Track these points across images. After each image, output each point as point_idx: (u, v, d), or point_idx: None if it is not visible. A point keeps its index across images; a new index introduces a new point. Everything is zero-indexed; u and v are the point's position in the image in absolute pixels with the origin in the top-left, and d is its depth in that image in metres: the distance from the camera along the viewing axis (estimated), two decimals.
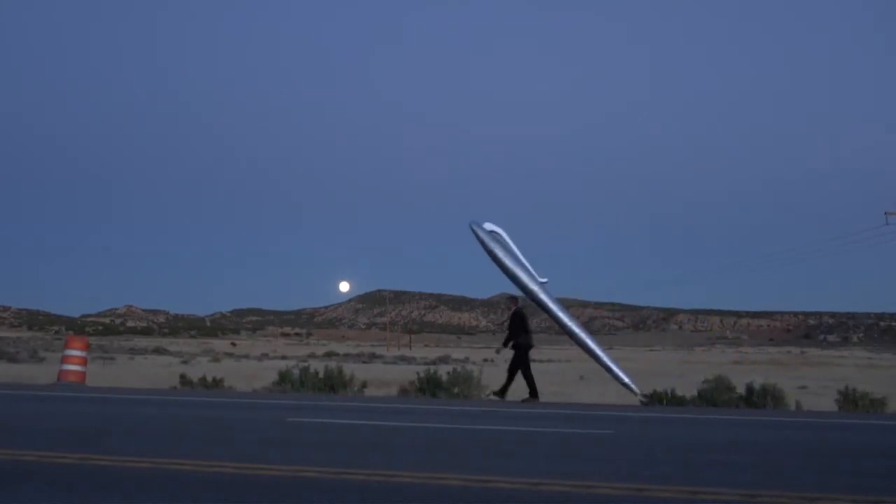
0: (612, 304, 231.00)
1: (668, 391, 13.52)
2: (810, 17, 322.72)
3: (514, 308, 12.74)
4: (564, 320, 12.78)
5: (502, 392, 12.39)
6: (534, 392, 12.27)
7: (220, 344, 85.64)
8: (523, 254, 12.74)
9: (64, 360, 14.29)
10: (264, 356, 46.38)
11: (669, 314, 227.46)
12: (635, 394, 12.72)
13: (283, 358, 41.72)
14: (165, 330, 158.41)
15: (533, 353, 13.25)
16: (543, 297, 12.55)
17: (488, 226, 12.71)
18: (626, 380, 12.81)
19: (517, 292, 13.02)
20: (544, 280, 12.75)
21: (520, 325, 12.35)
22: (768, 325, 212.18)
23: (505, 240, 12.73)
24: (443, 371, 14.70)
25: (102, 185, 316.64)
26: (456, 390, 13.61)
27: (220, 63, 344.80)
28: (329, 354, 50.42)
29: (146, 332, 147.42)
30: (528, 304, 13.33)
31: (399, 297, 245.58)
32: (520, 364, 12.29)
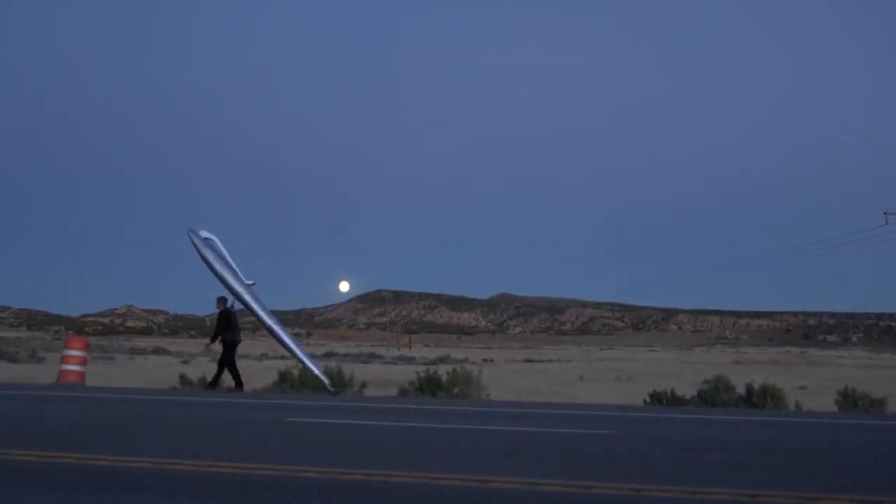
0: (612, 304, 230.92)
1: (669, 391, 13.53)
2: (814, 22, 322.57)
3: (222, 308, 13.71)
4: (264, 318, 13.73)
5: (213, 384, 13.46)
6: (239, 384, 13.32)
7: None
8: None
9: (63, 360, 14.28)
10: (264, 356, 46.35)
11: (669, 314, 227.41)
12: (326, 385, 13.58)
13: (283, 358, 41.67)
14: (165, 330, 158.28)
15: (533, 354, 13.42)
16: (248, 297, 13.55)
17: (203, 233, 13.83)
18: (317, 372, 13.69)
19: (230, 295, 13.83)
20: (251, 283, 13.82)
21: (225, 323, 13.52)
22: (768, 325, 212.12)
23: (217, 246, 13.84)
24: (442, 371, 14.70)
25: (102, 186, 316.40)
26: (456, 390, 13.62)
27: (221, 63, 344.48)
28: (329, 354, 50.44)
29: (146, 331, 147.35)
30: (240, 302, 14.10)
31: (399, 297, 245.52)
32: (226, 358, 13.40)
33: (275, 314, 13.99)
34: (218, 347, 13.83)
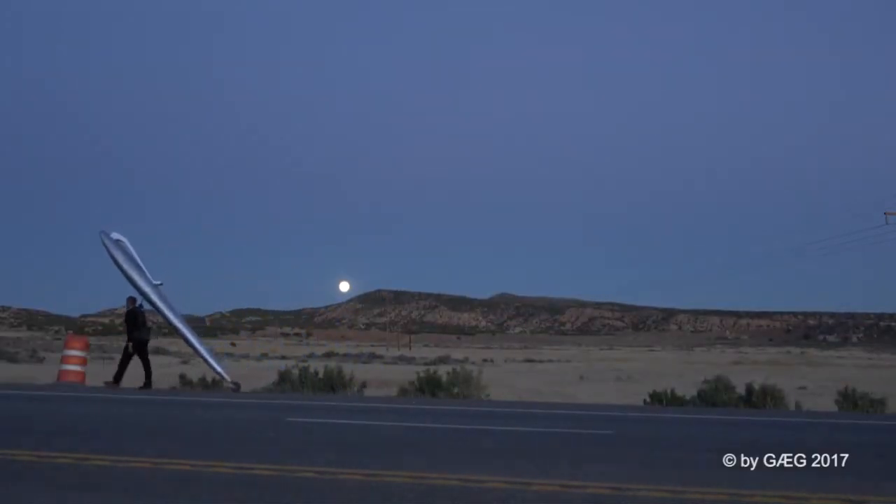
0: (612, 304, 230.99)
1: (669, 391, 13.54)
2: (814, 21, 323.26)
3: (130, 308, 14.08)
4: (170, 317, 14.24)
5: (116, 379, 13.69)
6: (148, 382, 13.70)
7: (220, 344, 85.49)
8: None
9: (63, 360, 14.28)
10: (264, 356, 46.40)
11: (669, 314, 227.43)
12: (227, 382, 14.19)
13: (283, 358, 41.73)
14: (165, 330, 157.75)
15: (533, 354, 13.46)
16: (155, 297, 14.07)
17: (115, 235, 14.31)
18: (219, 369, 14.30)
19: (138, 295, 14.27)
20: (159, 283, 14.33)
21: (132, 323, 13.87)
22: (768, 326, 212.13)
23: (127, 247, 14.32)
24: (442, 371, 14.70)
25: (102, 185, 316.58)
26: (456, 390, 13.62)
27: (222, 62, 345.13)
28: (329, 354, 50.49)
29: None
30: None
31: (399, 297, 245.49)
32: (136, 355, 13.78)
33: (274, 314, 14.13)
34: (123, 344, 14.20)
